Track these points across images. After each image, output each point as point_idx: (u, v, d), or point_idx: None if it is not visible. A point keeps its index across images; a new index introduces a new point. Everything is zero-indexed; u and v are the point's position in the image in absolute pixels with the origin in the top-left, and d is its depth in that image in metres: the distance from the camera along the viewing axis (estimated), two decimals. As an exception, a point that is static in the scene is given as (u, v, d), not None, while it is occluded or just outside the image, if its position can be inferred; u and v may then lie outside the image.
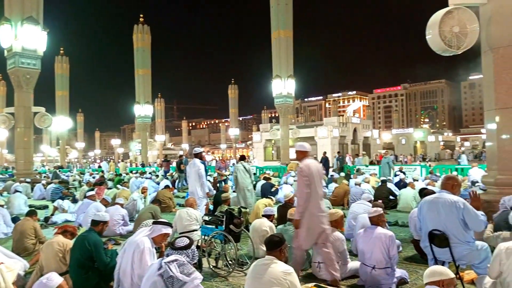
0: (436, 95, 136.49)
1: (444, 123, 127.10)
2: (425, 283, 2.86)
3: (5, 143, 56.24)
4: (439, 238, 4.03)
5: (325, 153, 24.58)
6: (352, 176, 17.06)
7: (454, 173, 15.36)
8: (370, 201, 6.84)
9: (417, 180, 12.21)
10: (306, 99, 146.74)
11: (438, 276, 2.82)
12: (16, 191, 11.89)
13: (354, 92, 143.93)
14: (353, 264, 5.03)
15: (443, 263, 4.20)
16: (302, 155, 4.93)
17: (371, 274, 4.50)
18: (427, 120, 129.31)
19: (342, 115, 45.83)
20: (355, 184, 10.87)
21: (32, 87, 17.49)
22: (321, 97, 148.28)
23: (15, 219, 8.46)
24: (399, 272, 4.67)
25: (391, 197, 10.75)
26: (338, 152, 24.79)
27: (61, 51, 41.60)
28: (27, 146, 17.91)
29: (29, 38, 16.65)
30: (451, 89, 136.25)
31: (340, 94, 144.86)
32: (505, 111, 7.26)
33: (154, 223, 4.25)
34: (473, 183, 10.44)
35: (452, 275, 2.86)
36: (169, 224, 4.26)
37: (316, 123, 42.85)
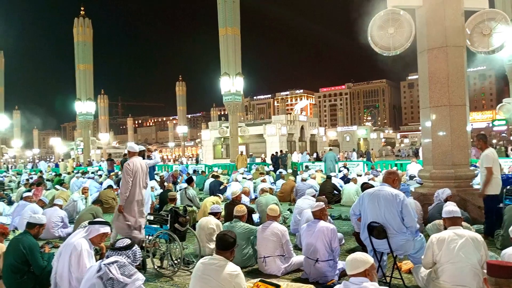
0: (378, 94, 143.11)
1: (386, 121, 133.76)
2: (350, 274, 2.78)
3: None
4: (377, 230, 4.21)
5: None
6: (298, 172, 17.46)
7: (395, 168, 16.16)
8: (314, 196, 7.02)
9: (360, 176, 12.71)
10: (255, 97, 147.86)
11: (362, 266, 2.75)
12: None
13: (301, 90, 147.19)
14: (298, 258, 5.14)
15: (382, 254, 4.40)
16: (131, 154, 6.07)
17: (314, 267, 4.62)
18: (369, 118, 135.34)
19: (290, 113, 46.61)
20: (302, 180, 11.10)
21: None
22: (269, 95, 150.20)
23: None
24: (341, 264, 4.82)
25: (335, 192, 11.11)
26: (281, 151, 25.28)
27: (-6, 45, 38.74)
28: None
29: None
30: (391, 89, 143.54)
31: (288, 92, 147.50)
32: (438, 109, 7.74)
33: (90, 223, 4.10)
34: (411, 177, 11.03)
35: (372, 260, 2.82)
36: (106, 223, 4.12)
37: (265, 121, 43.27)
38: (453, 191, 7.01)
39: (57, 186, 11.89)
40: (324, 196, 6.47)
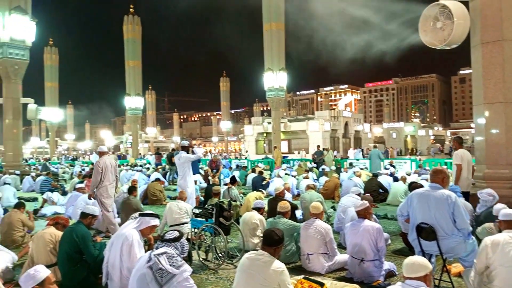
0: (427, 90, 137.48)
1: (435, 117, 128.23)
2: (407, 277, 2.73)
3: (-7, 135, 55.58)
4: (426, 231, 4.07)
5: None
6: (342, 169, 17.19)
7: (444, 166, 15.50)
8: (359, 195, 6.89)
9: (409, 175, 12.30)
10: (298, 93, 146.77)
11: (422, 270, 2.71)
12: (5, 183, 11.74)
13: (346, 86, 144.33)
14: (342, 256, 5.08)
15: (430, 256, 4.25)
16: (101, 154, 7.35)
17: (359, 267, 4.55)
18: (417, 114, 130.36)
19: (334, 109, 45.97)
20: (348, 178, 10.92)
21: (20, 78, 17.26)
22: (312, 91, 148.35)
23: (4, 212, 8.38)
24: (387, 265, 4.72)
25: (380, 191, 10.83)
26: (318, 146, 24.88)
27: (50, 42, 41.03)
28: (15, 137, 17.71)
29: (17, 28, 16.40)
30: (441, 84, 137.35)
31: (332, 87, 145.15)
32: (493, 106, 7.35)
33: (141, 215, 4.22)
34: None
35: (431, 266, 2.80)
36: (156, 216, 4.25)
37: (308, 117, 42.91)
38: (508, 192, 6.64)
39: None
40: (369, 195, 6.34)
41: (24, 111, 20.32)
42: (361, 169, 14.74)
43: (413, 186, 6.86)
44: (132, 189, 8.17)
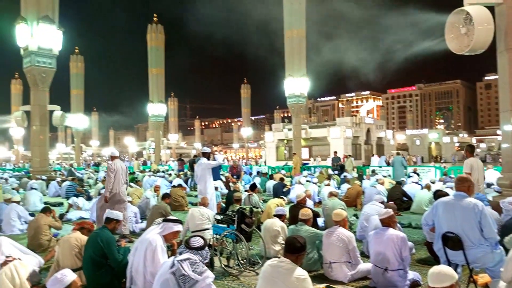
0: (451, 96, 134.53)
1: (459, 124, 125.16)
2: (434, 287, 2.69)
3: (21, 141, 57.33)
4: (452, 241, 3.98)
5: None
6: (364, 177, 16.96)
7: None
8: (382, 203, 6.78)
9: (433, 182, 12.04)
10: (319, 99, 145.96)
11: (448, 280, 2.67)
12: (32, 188, 12.06)
13: (368, 92, 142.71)
14: (365, 265, 5.00)
15: (456, 266, 4.15)
16: (113, 158, 7.81)
17: (383, 276, 4.47)
18: (442, 121, 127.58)
19: (356, 115, 45.51)
20: (371, 186, 10.78)
21: (47, 86, 17.69)
22: (334, 97, 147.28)
23: (31, 216, 8.62)
24: (412, 275, 4.62)
25: (404, 199, 10.63)
26: (335, 152, 24.56)
27: (76, 50, 42.11)
28: (42, 143, 18.10)
29: (45, 37, 16.83)
30: (466, 90, 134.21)
31: (353, 94, 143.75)
32: (521, 112, 7.13)
33: (164, 220, 4.28)
34: (488, 185, 10.26)
35: (457, 275, 2.76)
36: (179, 222, 4.29)
37: (329, 123, 42.62)
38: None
39: (131, 184, 12.66)
40: (393, 203, 6.24)
41: (51, 118, 20.80)
42: (384, 176, 14.50)
43: (438, 194, 6.70)
44: (165, 196, 8.34)
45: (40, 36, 16.74)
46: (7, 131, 54.01)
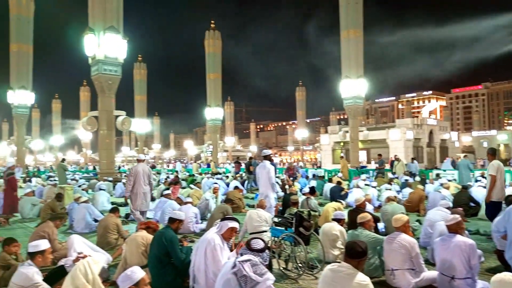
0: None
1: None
2: None
3: (89, 144, 61.42)
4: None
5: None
6: (428, 181, 16.17)
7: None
8: (448, 208, 6.43)
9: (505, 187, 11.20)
10: (377, 100, 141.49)
11: None
12: (100, 189, 12.80)
13: (430, 92, 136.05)
14: (430, 273, 4.77)
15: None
16: (138, 161, 8.72)
17: (450, 284, 4.26)
18: (511, 121, 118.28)
19: (417, 116, 43.53)
20: (435, 190, 10.27)
21: (113, 92, 18.71)
22: (393, 98, 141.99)
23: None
24: (481, 284, 4.35)
25: (471, 204, 10.02)
26: (379, 155, 23.50)
27: (139, 58, 44.39)
28: (109, 147, 19.15)
29: (111, 46, 17.85)
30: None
31: (414, 94, 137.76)
32: None
33: (220, 220, 4.40)
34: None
35: None
36: (235, 219, 4.38)
37: (388, 125, 41.17)
38: None
39: (191, 185, 13.07)
40: (460, 208, 5.91)
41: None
42: (449, 180, 13.73)
43: (510, 200, 6.25)
44: (228, 200, 8.56)
45: (106, 46, 17.77)
46: (76, 136, 58.11)
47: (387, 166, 21.55)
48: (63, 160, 20.36)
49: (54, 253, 5.43)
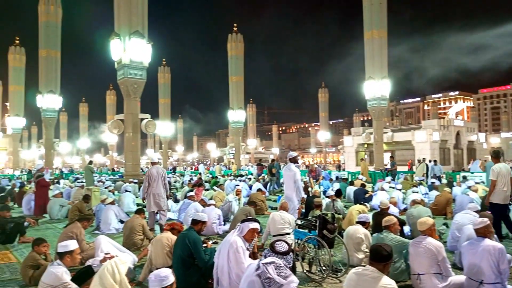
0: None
1: None
2: None
3: (115, 147, 62.73)
4: None
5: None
6: (455, 183, 15.78)
7: None
8: (476, 212, 6.27)
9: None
10: (401, 101, 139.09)
11: None
12: (126, 190, 13.05)
13: (457, 92, 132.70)
14: (457, 278, 4.66)
15: None
16: (152, 164, 9.10)
17: (479, 290, 4.14)
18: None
19: (443, 118, 42.49)
20: (462, 193, 10.02)
21: (139, 96, 19.00)
22: (418, 99, 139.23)
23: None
24: (511, 289, 4.22)
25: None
26: (391, 157, 22.87)
27: (163, 62, 45.04)
28: (134, 149, 19.44)
29: (136, 50, 18.13)
30: None
31: (440, 95, 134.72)
32: None
33: (241, 221, 4.43)
34: None
35: None
36: (255, 220, 4.39)
37: (414, 126, 40.40)
38: None
39: (215, 187, 13.16)
40: (489, 212, 5.75)
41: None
42: (477, 183, 13.36)
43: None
44: (250, 203, 8.63)
45: (132, 50, 18.08)
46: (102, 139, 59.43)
47: (405, 168, 21.25)
48: (90, 162, 20.81)
49: (82, 254, 5.57)
